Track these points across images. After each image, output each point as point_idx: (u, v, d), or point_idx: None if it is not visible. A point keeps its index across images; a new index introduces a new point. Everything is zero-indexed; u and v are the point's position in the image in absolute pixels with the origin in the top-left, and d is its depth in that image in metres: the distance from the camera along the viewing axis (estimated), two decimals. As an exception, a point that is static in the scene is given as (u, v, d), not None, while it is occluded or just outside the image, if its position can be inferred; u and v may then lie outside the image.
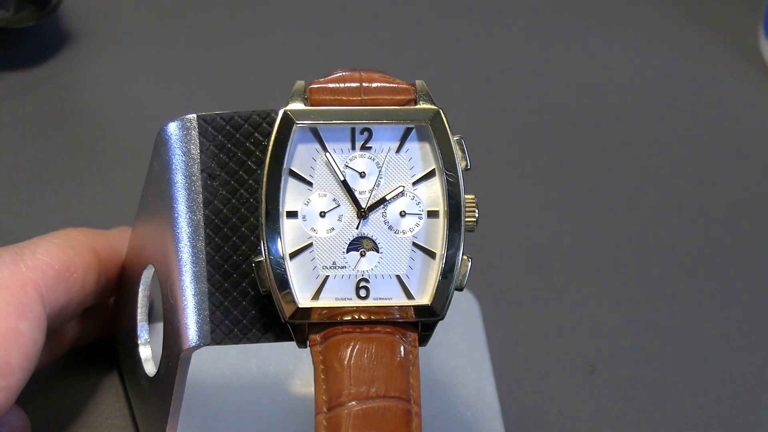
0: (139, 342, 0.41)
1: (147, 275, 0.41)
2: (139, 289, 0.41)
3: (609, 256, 0.55)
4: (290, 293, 0.35)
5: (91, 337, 0.45)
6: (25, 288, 0.38)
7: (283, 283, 0.35)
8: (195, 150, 0.36)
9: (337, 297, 0.36)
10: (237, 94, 0.61)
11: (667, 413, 0.47)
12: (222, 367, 0.45)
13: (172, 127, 0.36)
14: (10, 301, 0.37)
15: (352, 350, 0.35)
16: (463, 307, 0.48)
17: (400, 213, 0.36)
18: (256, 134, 0.36)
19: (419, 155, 0.36)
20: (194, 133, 0.36)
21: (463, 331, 0.47)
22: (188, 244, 0.36)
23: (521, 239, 0.55)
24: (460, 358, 0.46)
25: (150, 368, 0.41)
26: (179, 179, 0.36)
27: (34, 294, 0.38)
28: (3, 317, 0.36)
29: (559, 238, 0.55)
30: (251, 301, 0.36)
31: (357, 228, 0.36)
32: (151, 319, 0.42)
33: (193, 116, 0.36)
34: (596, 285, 0.53)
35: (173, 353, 0.37)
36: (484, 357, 0.47)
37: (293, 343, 0.36)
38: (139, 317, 0.41)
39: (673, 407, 0.48)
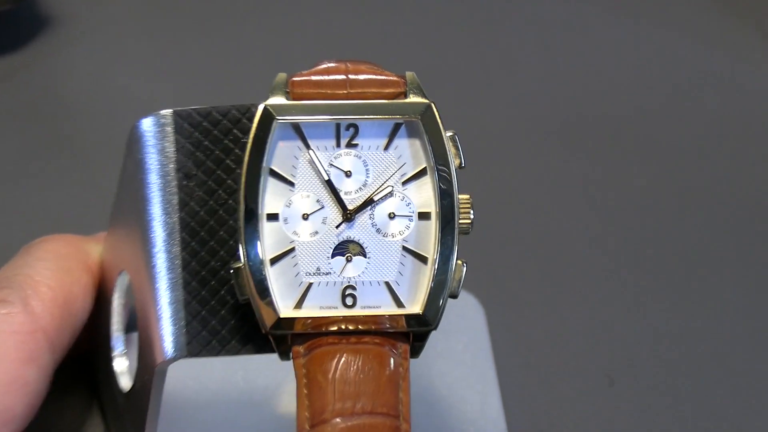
0: (114, 354, 0.40)
1: (122, 281, 0.40)
2: (114, 297, 0.40)
3: (625, 257, 0.53)
4: (271, 302, 0.34)
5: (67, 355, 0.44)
6: (35, 335, 0.38)
7: (263, 290, 0.34)
8: (170, 148, 0.35)
9: (321, 305, 0.35)
10: (222, 85, 0.60)
11: (696, 430, 0.45)
12: (206, 381, 0.44)
13: (146, 124, 0.35)
14: (19, 347, 0.37)
15: (338, 363, 0.34)
16: (467, 313, 0.48)
17: (389, 215, 0.35)
18: (235, 131, 0.35)
19: (409, 153, 0.35)
20: (169, 129, 0.35)
21: (467, 339, 0.47)
22: (163, 249, 0.35)
23: (529, 240, 0.54)
24: (464, 369, 0.46)
25: (125, 382, 0.40)
26: (153, 179, 0.35)
27: (44, 342, 0.38)
28: (11, 362, 0.36)
29: (569, 238, 0.54)
30: (230, 311, 0.35)
31: (343, 231, 0.35)
32: (127, 328, 0.41)
33: (168, 112, 0.35)
34: (611, 288, 0.51)
35: (148, 366, 0.36)
36: (489, 368, 0.46)
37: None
38: (113, 327, 0.41)
39: (702, 423, 0.46)
